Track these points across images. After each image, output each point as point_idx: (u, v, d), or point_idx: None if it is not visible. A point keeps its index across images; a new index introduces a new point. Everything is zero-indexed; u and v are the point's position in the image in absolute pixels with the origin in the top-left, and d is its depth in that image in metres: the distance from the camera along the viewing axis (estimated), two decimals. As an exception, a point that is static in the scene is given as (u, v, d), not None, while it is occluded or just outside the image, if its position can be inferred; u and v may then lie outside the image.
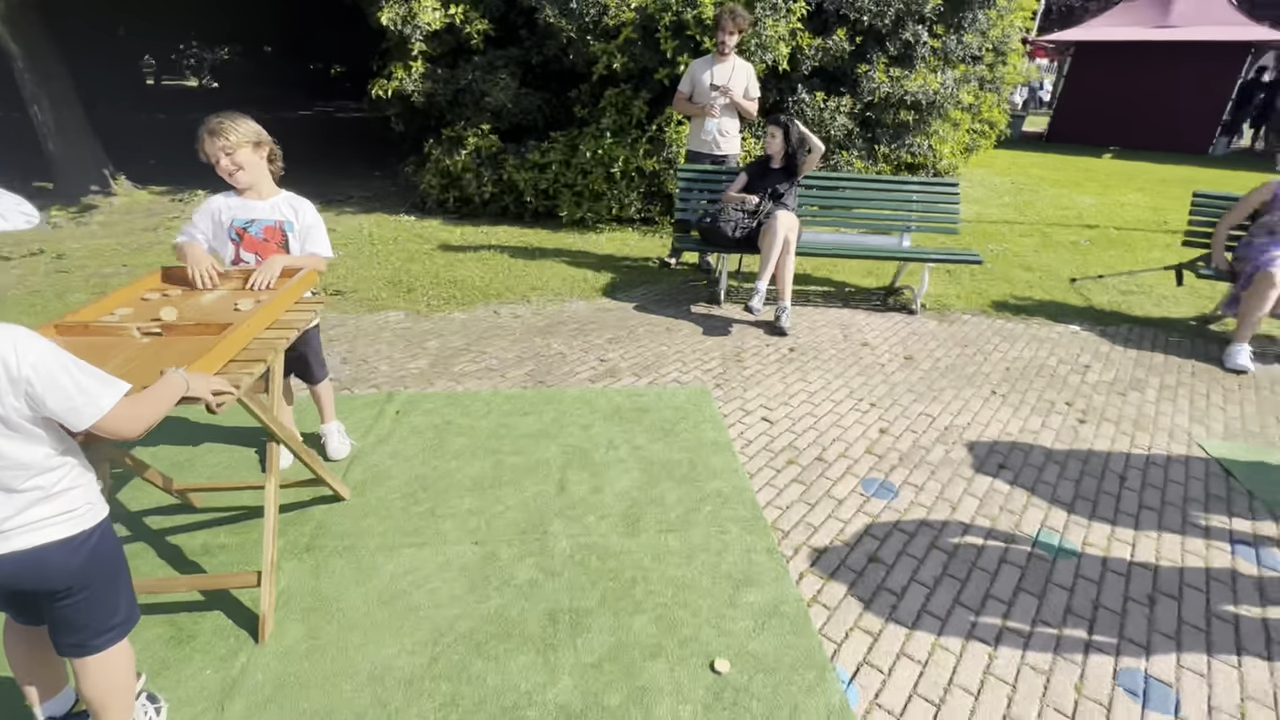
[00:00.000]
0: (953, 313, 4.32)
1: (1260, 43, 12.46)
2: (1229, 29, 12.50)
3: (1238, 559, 2.13)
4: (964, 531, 2.20)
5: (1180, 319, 4.34)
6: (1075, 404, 3.12)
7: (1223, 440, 2.85)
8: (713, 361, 3.40)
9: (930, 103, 6.97)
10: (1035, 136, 15.50)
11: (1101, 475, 2.56)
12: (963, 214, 7.43)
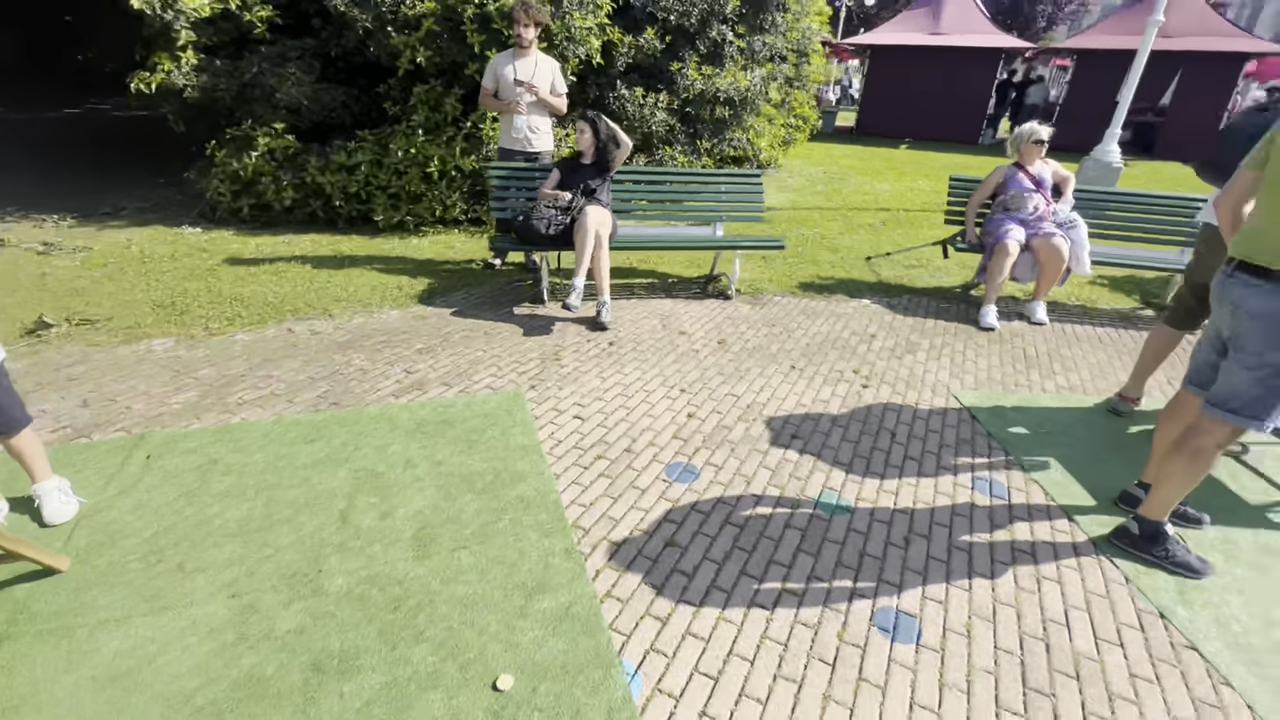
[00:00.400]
0: (765, 295, 4.61)
1: (1009, 49, 14.76)
2: (984, 37, 14.67)
3: (975, 493, 2.45)
4: (756, 503, 2.33)
5: (949, 287, 4.99)
6: (861, 371, 3.46)
7: (973, 390, 3.30)
8: (530, 363, 3.33)
9: (743, 99, 7.37)
10: (847, 130, 17.17)
11: (876, 434, 2.84)
12: (781, 202, 8.08)
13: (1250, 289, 1.83)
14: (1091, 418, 3.07)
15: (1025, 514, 2.35)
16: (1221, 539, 2.26)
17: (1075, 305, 4.75)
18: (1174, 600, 1.97)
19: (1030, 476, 2.58)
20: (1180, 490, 2.03)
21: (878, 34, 15.80)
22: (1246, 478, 2.66)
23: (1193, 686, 1.69)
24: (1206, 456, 1.95)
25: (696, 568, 2.00)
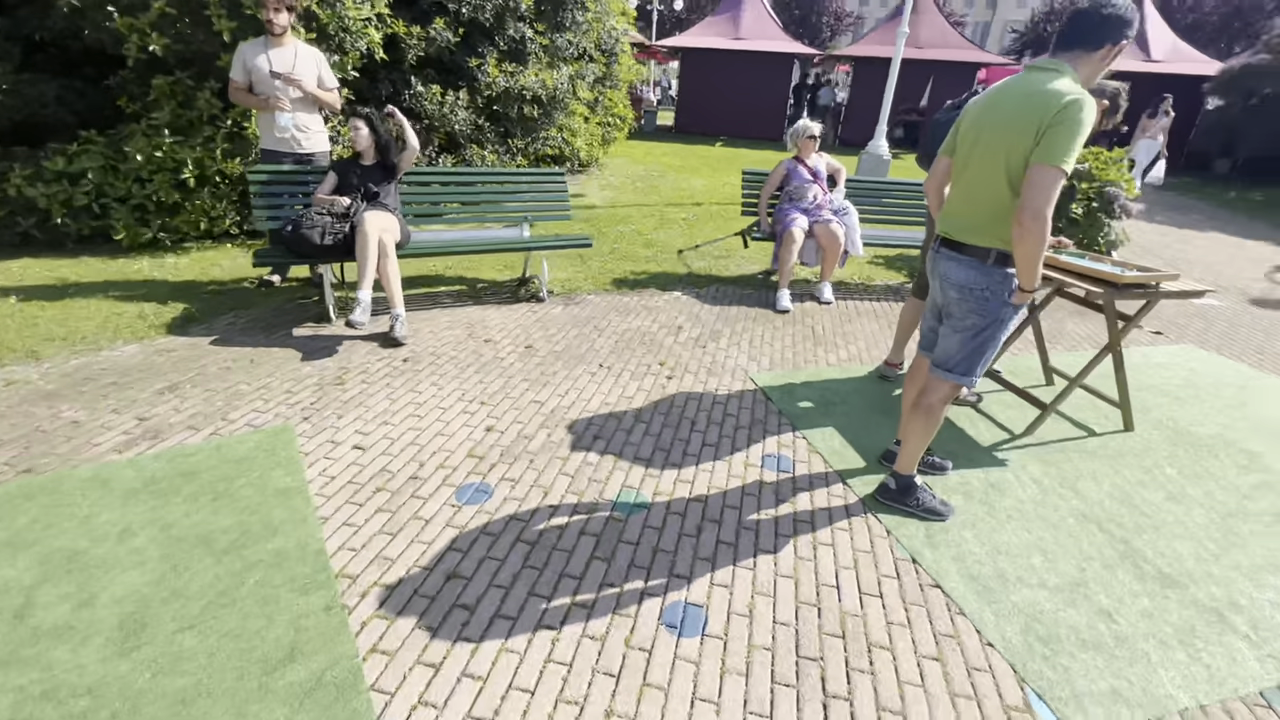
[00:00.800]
0: (579, 295, 4.56)
1: (799, 55, 16.28)
2: (778, 43, 16.04)
3: (765, 471, 2.57)
4: (551, 515, 2.23)
5: (753, 274, 5.31)
6: (667, 363, 3.52)
7: (768, 371, 3.50)
8: (305, 391, 2.94)
9: (551, 98, 7.27)
10: (667, 129, 17.90)
11: (678, 425, 2.88)
12: (602, 200, 8.14)
13: (951, 262, 2.08)
14: (865, 385, 3.39)
15: (807, 484, 2.50)
16: (960, 481, 2.58)
17: (857, 283, 5.28)
18: (923, 544, 2.19)
19: (813, 447, 2.76)
20: (921, 444, 2.27)
21: (685, 37, 16.61)
22: (982, 424, 3.08)
23: (935, 622, 1.87)
24: (936, 412, 2.19)
25: (480, 598, 1.85)
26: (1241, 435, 3.09)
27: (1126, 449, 2.91)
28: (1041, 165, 1.76)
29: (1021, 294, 1.96)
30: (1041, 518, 2.37)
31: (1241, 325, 4.83)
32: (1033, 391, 3.43)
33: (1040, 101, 1.79)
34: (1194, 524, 2.39)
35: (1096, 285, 2.65)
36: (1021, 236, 1.81)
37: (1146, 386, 3.58)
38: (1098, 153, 5.60)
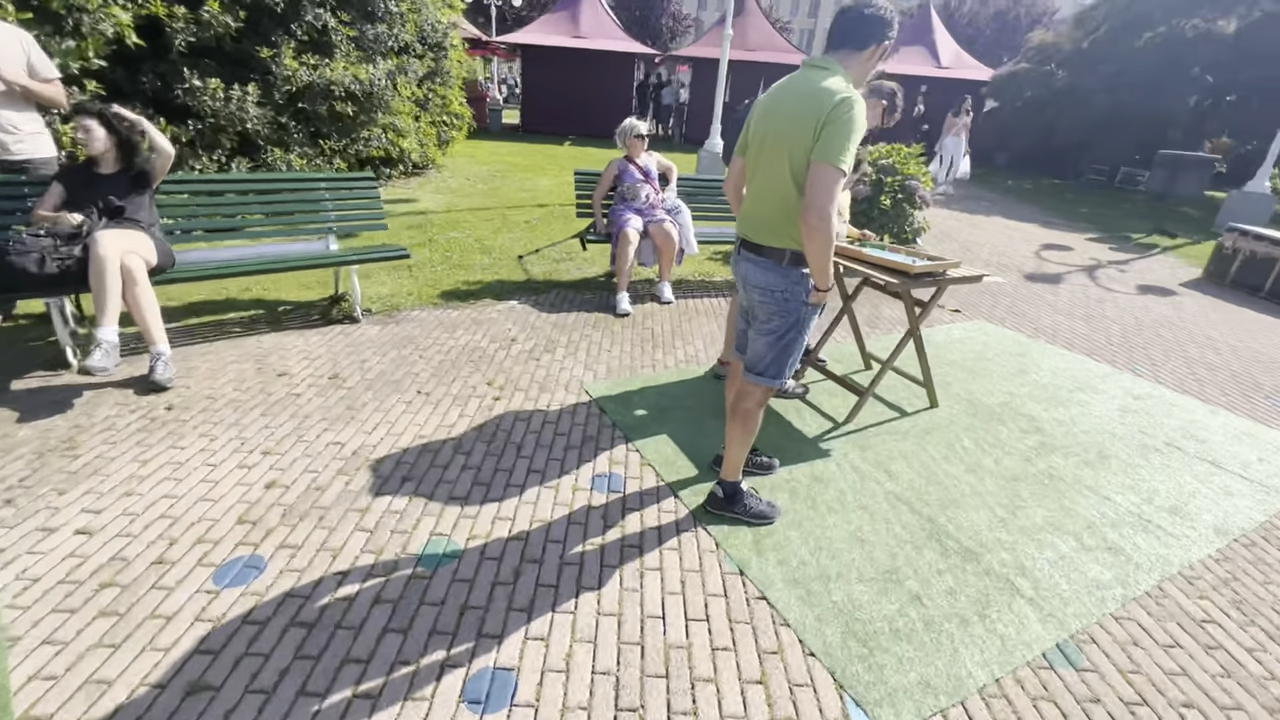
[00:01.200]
0: (401, 312, 4.13)
1: (640, 54, 16.51)
2: (618, 42, 16.14)
3: (594, 494, 2.41)
4: (339, 584, 1.89)
5: (594, 277, 5.17)
6: (495, 381, 3.25)
7: (604, 380, 3.35)
8: (15, 464, 2.31)
9: (367, 94, 6.64)
10: (514, 128, 17.37)
11: (502, 453, 2.64)
12: (437, 205, 7.60)
13: (750, 264, 2.03)
14: (701, 386, 3.36)
15: (638, 502, 2.38)
16: (787, 478, 2.59)
17: (697, 281, 5.34)
18: (751, 552, 2.14)
19: (646, 460, 2.65)
20: (742, 450, 2.22)
21: (523, 34, 16.19)
22: (809, 415, 3.16)
23: (760, 638, 1.81)
24: (753, 417, 2.15)
25: (231, 713, 1.49)
26: (1022, 401, 3.45)
27: (933, 425, 3.13)
28: (820, 164, 1.74)
29: (817, 294, 1.95)
30: (861, 506, 2.44)
31: (1020, 299, 5.52)
32: (853, 378, 3.61)
33: (816, 99, 1.78)
34: (987, 493, 2.59)
35: (893, 276, 2.80)
36: (809, 235, 1.79)
37: (948, 362, 3.92)
38: (898, 148, 6.13)
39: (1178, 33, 12.21)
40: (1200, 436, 3.20)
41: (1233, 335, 4.96)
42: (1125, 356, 4.31)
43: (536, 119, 16.58)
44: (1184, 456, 3.00)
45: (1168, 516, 2.51)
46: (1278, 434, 3.31)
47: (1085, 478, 2.75)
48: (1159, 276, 6.75)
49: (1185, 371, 4.12)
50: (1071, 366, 4.00)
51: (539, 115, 16.57)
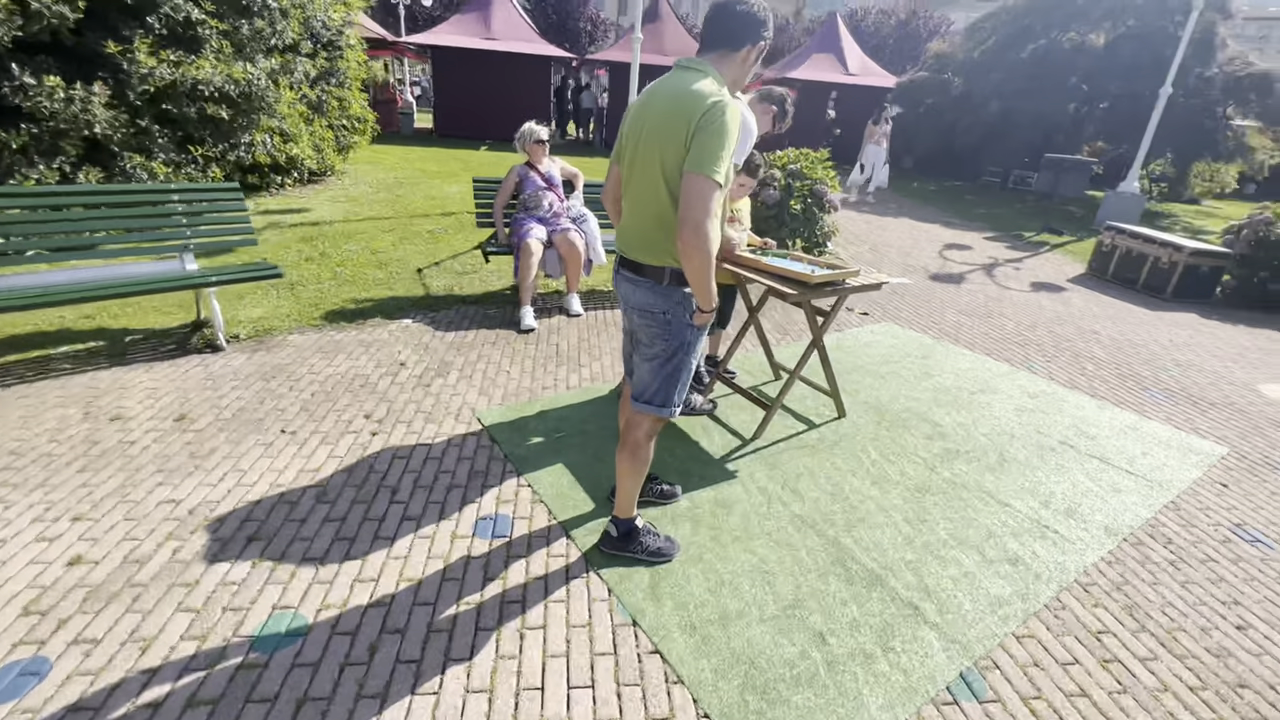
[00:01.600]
0: (275, 337, 3.71)
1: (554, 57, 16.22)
2: (532, 45, 15.80)
3: (475, 541, 2.16)
4: (145, 685, 1.56)
5: (499, 290, 4.89)
6: (375, 414, 2.93)
7: (499, 406, 3.10)
8: None
9: (245, 95, 6.07)
10: (428, 132, 16.68)
11: (373, 499, 2.34)
12: (333, 214, 7.07)
13: (629, 284, 1.85)
14: (604, 406, 3.16)
15: (525, 548, 2.15)
16: (690, 506, 2.43)
17: (607, 291, 5.15)
18: (647, 598, 1.96)
19: (538, 496, 2.42)
20: (634, 484, 2.04)
21: (432, 35, 15.57)
22: (716, 433, 3.03)
23: (651, 704, 1.63)
24: (643, 449, 1.97)
25: None
26: (927, 406, 3.46)
27: (840, 436, 3.06)
28: (693, 175, 1.58)
29: (702, 315, 1.80)
30: (765, 532, 2.31)
31: (925, 300, 5.66)
32: (763, 389, 3.52)
33: (686, 104, 1.61)
34: (893, 507, 2.52)
35: (792, 286, 2.70)
36: (685, 253, 1.62)
37: (856, 368, 3.90)
38: (805, 153, 6.18)
39: (1056, 45, 13.17)
40: (1090, 433, 3.30)
41: (1115, 329, 5.26)
42: (1021, 354, 4.45)
43: (450, 123, 15.99)
44: (1076, 455, 3.06)
45: (1064, 520, 2.52)
46: (1157, 426, 3.46)
47: (987, 483, 2.74)
48: (1049, 273, 7.15)
49: (1074, 367, 4.30)
50: (973, 367, 4.08)
51: (452, 119, 15.98)
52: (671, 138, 1.63)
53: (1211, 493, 2.85)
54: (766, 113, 2.78)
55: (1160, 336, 5.14)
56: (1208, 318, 5.87)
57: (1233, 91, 11.36)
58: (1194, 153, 12.33)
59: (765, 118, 2.79)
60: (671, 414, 1.93)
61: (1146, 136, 9.57)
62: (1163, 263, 6.33)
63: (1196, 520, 2.62)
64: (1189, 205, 14.86)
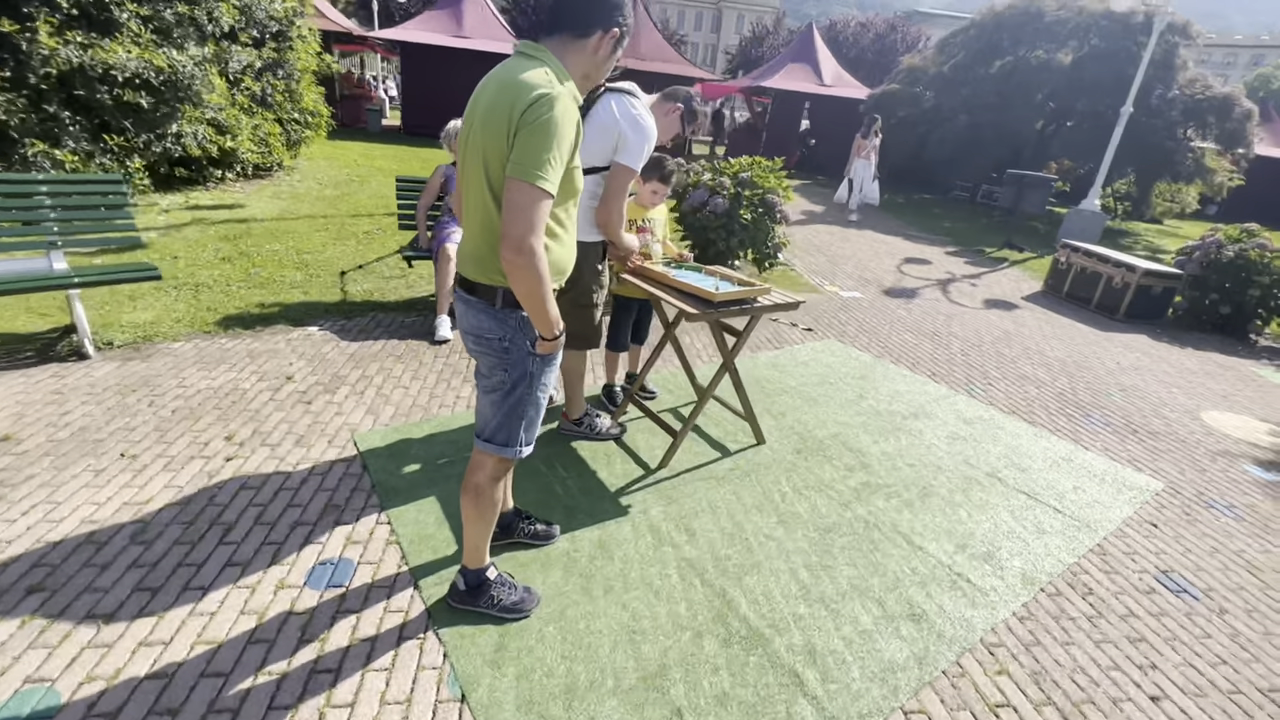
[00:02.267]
0: (156, 344, 3.39)
1: (527, 58, 15.94)
2: (505, 44, 15.51)
3: (305, 593, 1.88)
4: None
5: (424, 297, 4.60)
6: (238, 435, 2.63)
7: (383, 428, 2.82)
8: None
9: (169, 83, 5.71)
10: (395, 129, 16.30)
11: (201, 538, 2.05)
12: (268, 211, 6.71)
13: (462, 304, 1.60)
14: (503, 430, 2.89)
15: (360, 600, 1.88)
16: (568, 548, 2.18)
17: (543, 300, 4.88)
18: (485, 666, 1.70)
19: (395, 536, 2.15)
20: (482, 533, 1.78)
21: (402, 31, 15.22)
22: (619, 461, 2.78)
23: (455, 807, 1.37)
24: (486, 494, 1.71)
25: None
26: (854, 432, 3.25)
27: (754, 466, 2.83)
28: (515, 181, 1.33)
29: (545, 344, 1.55)
30: (645, 581, 2.06)
31: (874, 315, 5.49)
32: (682, 410, 3.29)
33: (509, 95, 1.37)
34: (795, 550, 2.29)
35: (693, 304, 2.46)
36: (508, 272, 1.38)
37: (787, 389, 3.69)
38: (758, 161, 6.00)
39: (1024, 61, 13.24)
40: (1022, 464, 3.12)
41: (1063, 349, 5.14)
42: (964, 375, 4.29)
43: (418, 120, 15.61)
44: (1003, 489, 2.87)
45: (979, 566, 2.32)
46: (1093, 457, 3.29)
47: (903, 523, 2.53)
48: (1005, 290, 7.05)
49: (1017, 390, 4.13)
50: (911, 389, 3.89)
51: (420, 116, 15.60)
52: (494, 135, 1.39)
53: (1140, 534, 2.67)
54: (671, 113, 2.56)
55: (1108, 359, 5.03)
56: (1158, 339, 5.79)
57: (1193, 113, 11.48)
58: (1155, 173, 12.44)
59: (670, 119, 2.56)
60: (517, 455, 1.67)
61: (1107, 155, 9.58)
62: (1116, 282, 6.25)
63: (1121, 566, 2.43)
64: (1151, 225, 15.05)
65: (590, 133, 2.35)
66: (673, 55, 17.51)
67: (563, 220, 1.56)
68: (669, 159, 2.88)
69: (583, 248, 2.52)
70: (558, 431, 2.93)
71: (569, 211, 1.58)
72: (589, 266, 2.55)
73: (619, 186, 2.33)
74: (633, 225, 2.96)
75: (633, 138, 2.30)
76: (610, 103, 2.34)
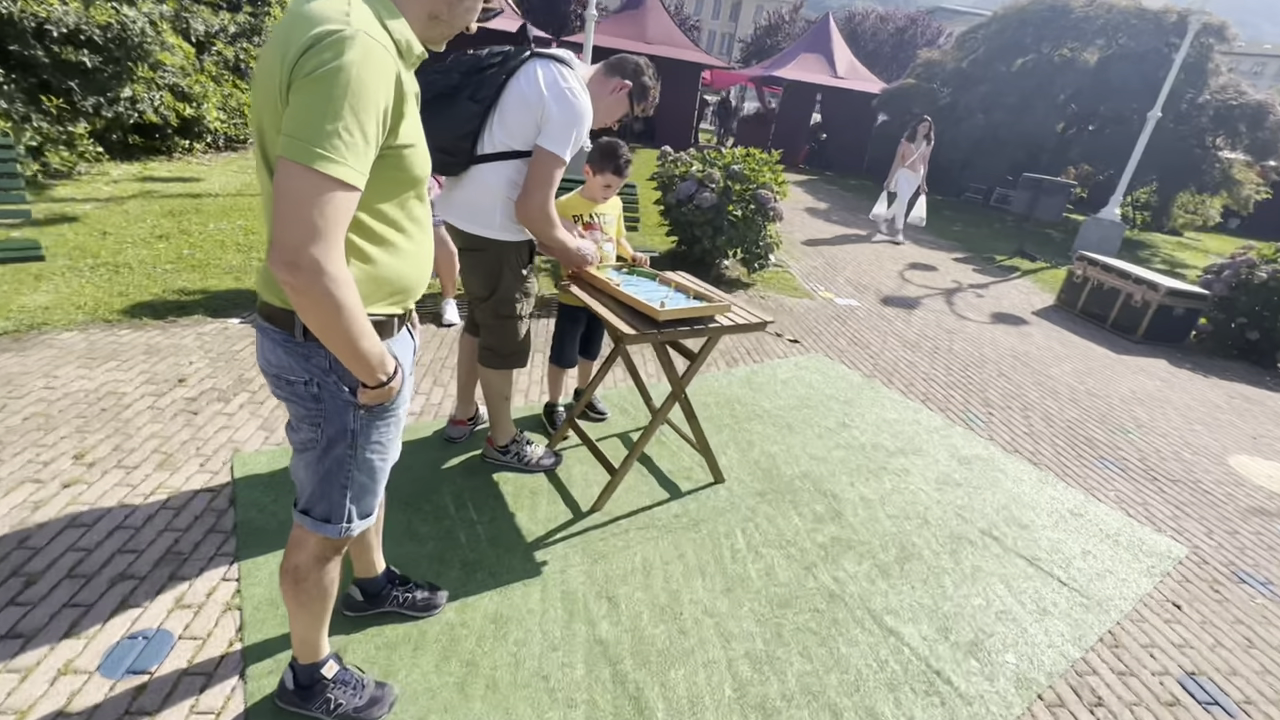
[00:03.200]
0: (43, 333, 2.98)
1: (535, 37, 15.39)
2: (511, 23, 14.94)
3: (92, 680, 1.47)
4: None
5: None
6: (92, 453, 2.21)
7: (273, 448, 2.40)
8: None
9: (118, 40, 5.26)
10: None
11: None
12: (227, 185, 6.26)
13: (258, 332, 1.17)
14: (416, 455, 2.48)
15: (160, 696, 1.46)
16: (455, 621, 1.76)
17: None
18: (298, 805, 1.29)
19: (239, 599, 1.74)
20: (311, 624, 1.36)
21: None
22: (546, 501, 2.36)
23: None
24: (310, 579, 1.29)
25: None
26: (830, 471, 2.82)
27: (706, 512, 2.41)
28: (287, 162, 0.90)
29: (369, 392, 1.12)
30: (541, 673, 1.65)
31: (869, 327, 5.04)
32: (633, 436, 2.86)
33: (284, 35, 0.93)
34: (737, 632, 1.87)
35: (632, 322, 2.02)
36: (289, 293, 0.95)
37: (761, 414, 3.25)
38: (751, 153, 5.52)
39: (1046, 60, 12.63)
40: (1024, 520, 2.68)
41: (1074, 374, 4.68)
42: (963, 401, 3.84)
43: (414, 98, 15.10)
44: (1000, 552, 2.44)
45: (963, 662, 1.89)
46: (1105, 511, 2.85)
47: (875, 596, 2.10)
48: (1014, 303, 6.57)
49: (1021, 422, 3.69)
50: (901, 418, 3.45)
51: (417, 94, 15.10)
52: (264, 93, 0.96)
53: (1161, 617, 2.24)
54: (617, 91, 2.10)
55: (1124, 387, 4.57)
56: (1178, 365, 5.32)
57: (1224, 121, 10.87)
58: (1179, 182, 11.86)
59: (615, 98, 2.11)
60: (341, 534, 1.25)
61: (1131, 161, 9.02)
62: (1135, 300, 5.76)
63: (1138, 665, 2.00)
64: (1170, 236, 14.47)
65: (509, 106, 1.91)
66: (682, 40, 16.90)
67: (398, 221, 1.12)
68: (623, 147, 2.44)
69: (502, 247, 2.09)
70: (482, 459, 2.51)
71: (408, 209, 1.14)
72: (510, 270, 2.12)
73: (541, 176, 1.90)
74: (578, 221, 2.52)
75: (559, 117, 1.86)
76: (535, 71, 1.90)
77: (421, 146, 1.12)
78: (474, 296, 2.23)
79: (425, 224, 1.21)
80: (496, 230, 2.04)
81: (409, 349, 1.29)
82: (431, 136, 1.34)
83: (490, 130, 1.94)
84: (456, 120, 1.90)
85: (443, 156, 1.95)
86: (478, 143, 1.95)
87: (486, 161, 1.98)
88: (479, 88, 1.89)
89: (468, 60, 1.96)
